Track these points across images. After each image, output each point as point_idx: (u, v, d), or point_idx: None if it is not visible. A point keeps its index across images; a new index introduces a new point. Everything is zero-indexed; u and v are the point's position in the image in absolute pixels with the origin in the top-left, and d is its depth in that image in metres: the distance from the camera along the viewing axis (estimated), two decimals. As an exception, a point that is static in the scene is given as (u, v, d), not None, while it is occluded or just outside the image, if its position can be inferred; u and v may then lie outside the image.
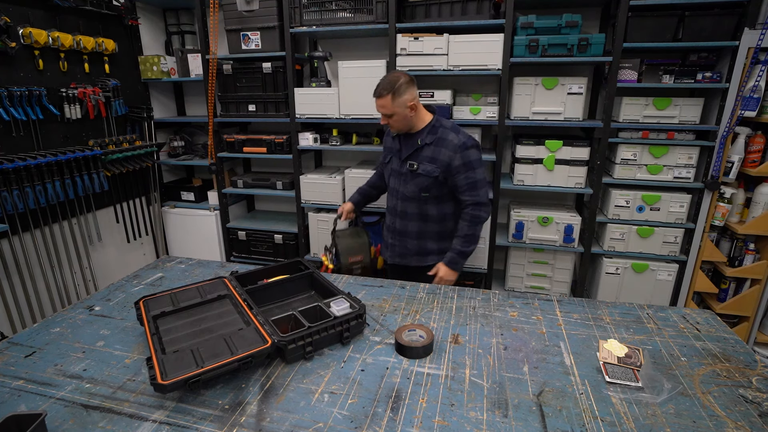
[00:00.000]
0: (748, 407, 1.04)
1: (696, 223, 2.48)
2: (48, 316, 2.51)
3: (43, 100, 2.42)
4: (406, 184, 1.92)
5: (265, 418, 1.01)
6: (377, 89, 1.81)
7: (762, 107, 2.29)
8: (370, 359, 1.23)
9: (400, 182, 1.95)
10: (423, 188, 1.88)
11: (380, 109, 1.82)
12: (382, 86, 1.79)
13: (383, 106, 1.80)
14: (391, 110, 1.80)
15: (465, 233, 1.87)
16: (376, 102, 1.81)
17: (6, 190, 2.26)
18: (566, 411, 1.03)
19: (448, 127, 1.87)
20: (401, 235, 2.01)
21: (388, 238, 2.09)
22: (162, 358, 1.10)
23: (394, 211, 2.02)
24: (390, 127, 1.89)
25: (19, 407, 1.05)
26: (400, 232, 2.01)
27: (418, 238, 1.98)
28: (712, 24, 2.21)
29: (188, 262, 1.97)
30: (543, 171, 2.59)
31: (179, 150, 3.40)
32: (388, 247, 2.10)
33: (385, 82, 1.79)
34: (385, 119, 1.85)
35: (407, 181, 1.91)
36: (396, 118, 1.82)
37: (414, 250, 2.01)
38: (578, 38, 2.30)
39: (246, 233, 3.26)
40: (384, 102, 1.79)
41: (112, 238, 3.06)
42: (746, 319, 2.56)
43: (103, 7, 2.74)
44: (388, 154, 2.03)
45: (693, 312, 1.50)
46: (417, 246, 2.00)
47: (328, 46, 3.12)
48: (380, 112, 1.83)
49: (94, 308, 1.54)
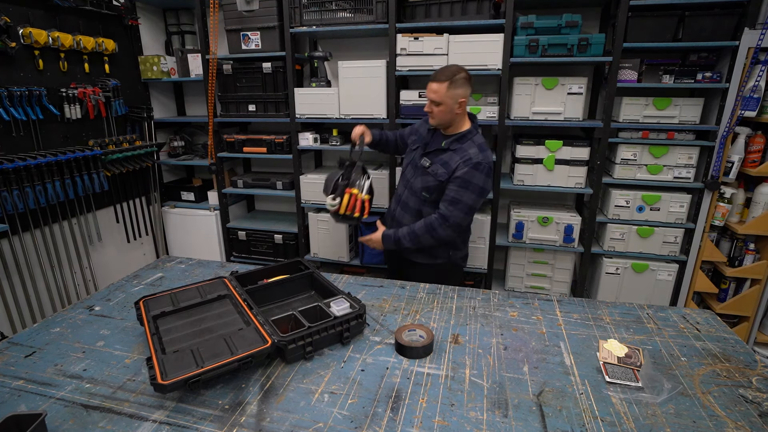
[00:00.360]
0: (748, 407, 1.04)
1: (696, 223, 2.48)
2: (48, 316, 2.51)
3: (43, 100, 2.42)
4: (416, 178, 1.91)
5: (265, 418, 1.01)
6: (435, 74, 1.75)
7: (762, 107, 2.29)
8: (370, 359, 1.23)
9: (412, 173, 1.94)
10: (426, 188, 1.87)
11: (431, 95, 1.76)
12: (441, 72, 1.74)
13: (435, 92, 1.74)
14: (442, 99, 1.74)
15: (414, 230, 1.84)
16: (430, 86, 1.75)
17: (6, 190, 2.26)
18: (566, 411, 1.03)
19: (475, 143, 1.82)
20: (397, 224, 2.00)
21: (387, 221, 2.09)
22: (162, 358, 1.10)
23: (398, 198, 2.02)
24: (431, 117, 1.83)
25: (19, 407, 1.06)
26: (397, 221, 2.00)
27: None
28: (712, 24, 2.21)
29: (188, 262, 1.97)
30: (543, 171, 2.59)
31: (179, 150, 3.40)
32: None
33: (445, 69, 1.76)
34: (431, 106, 1.78)
35: (418, 175, 1.90)
36: (442, 109, 1.76)
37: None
38: (578, 38, 2.30)
39: (246, 233, 3.26)
40: (438, 88, 1.73)
41: (112, 238, 3.06)
42: (746, 319, 2.56)
43: (103, 7, 2.74)
44: (417, 141, 1.99)
45: (693, 312, 1.50)
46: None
47: (328, 46, 3.12)
48: (430, 98, 1.77)
49: (94, 308, 1.54)
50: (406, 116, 2.67)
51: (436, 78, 1.74)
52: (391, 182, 2.80)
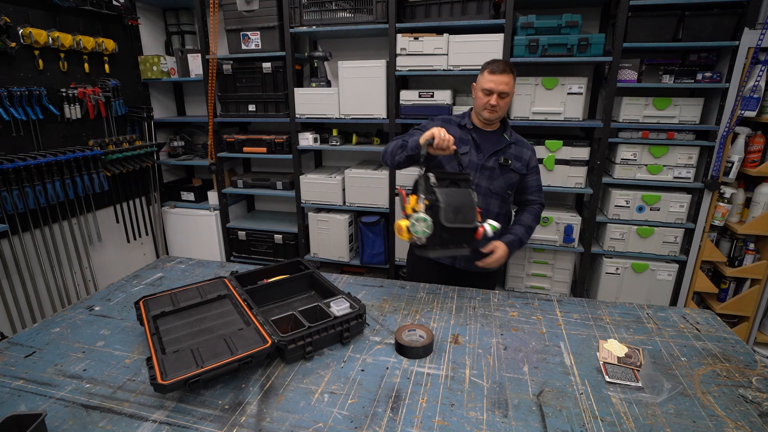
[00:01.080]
0: (748, 407, 1.04)
1: (696, 223, 2.48)
2: (48, 316, 2.51)
3: (43, 100, 2.42)
4: (493, 180, 1.78)
5: (265, 418, 1.01)
6: (500, 65, 1.66)
7: (762, 107, 2.29)
8: (370, 359, 1.23)
9: (483, 177, 1.78)
10: (510, 185, 1.80)
11: (501, 87, 1.65)
12: (506, 64, 1.68)
13: (507, 83, 1.66)
14: (512, 89, 1.70)
15: (529, 225, 1.80)
16: (498, 78, 1.65)
17: (6, 190, 2.26)
18: (566, 411, 1.03)
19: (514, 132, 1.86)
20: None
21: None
22: (162, 358, 1.10)
23: None
24: (494, 111, 1.69)
25: (19, 407, 1.05)
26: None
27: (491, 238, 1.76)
28: (712, 24, 2.21)
29: (188, 262, 1.97)
30: (543, 171, 2.58)
31: (179, 150, 3.40)
32: None
33: (504, 61, 1.70)
34: (497, 100, 1.67)
35: (496, 176, 1.77)
36: (508, 100, 1.71)
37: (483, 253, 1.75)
38: (578, 38, 2.30)
39: (246, 233, 3.26)
40: (509, 80, 1.66)
41: (112, 238, 3.06)
42: (746, 319, 2.56)
43: (103, 7, 2.74)
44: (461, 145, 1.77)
45: (693, 312, 1.50)
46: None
47: (328, 46, 3.12)
48: (500, 91, 1.66)
49: (94, 308, 1.54)
50: (406, 116, 2.66)
51: (504, 70, 1.66)
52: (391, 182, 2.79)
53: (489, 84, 1.66)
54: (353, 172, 2.88)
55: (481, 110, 1.72)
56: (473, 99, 1.79)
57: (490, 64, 1.70)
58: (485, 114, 1.72)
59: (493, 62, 1.70)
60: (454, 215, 1.41)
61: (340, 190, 2.94)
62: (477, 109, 1.76)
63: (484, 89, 1.68)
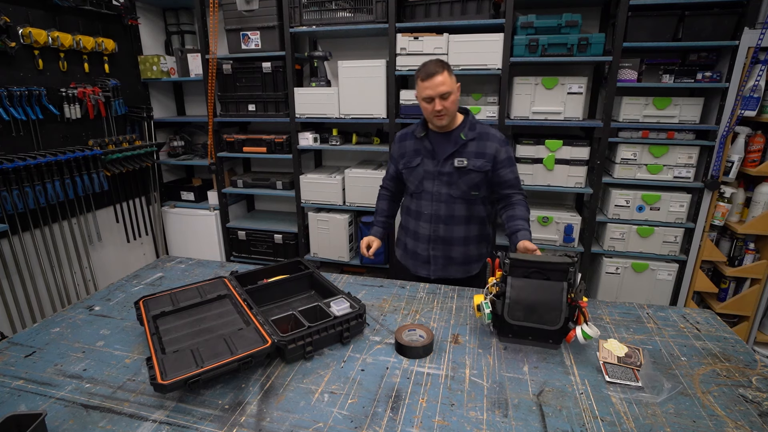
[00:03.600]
0: (748, 407, 1.04)
1: (696, 223, 2.48)
2: (48, 316, 2.51)
3: (42, 99, 2.42)
4: (452, 185, 1.74)
5: (265, 418, 1.01)
6: (430, 69, 1.60)
7: (762, 107, 2.29)
8: (370, 359, 1.23)
9: (442, 184, 1.75)
10: (473, 186, 1.74)
11: (441, 87, 1.59)
12: (435, 64, 1.61)
13: (444, 83, 1.59)
14: (452, 87, 1.62)
15: (527, 218, 1.72)
16: (433, 81, 1.59)
17: (6, 190, 2.26)
18: (566, 411, 1.03)
19: (483, 124, 1.78)
20: (445, 242, 1.79)
21: (428, 251, 1.82)
22: (162, 358, 1.10)
23: (435, 217, 1.77)
24: (442, 116, 1.65)
25: (19, 407, 1.05)
26: (445, 240, 1.79)
27: (464, 244, 1.80)
28: (712, 24, 2.21)
29: (188, 262, 1.97)
30: (543, 171, 2.59)
31: (179, 150, 3.40)
32: (429, 261, 1.83)
33: (433, 61, 1.63)
34: (441, 103, 1.61)
35: (454, 180, 1.73)
36: (453, 99, 1.63)
37: (459, 259, 1.81)
38: (578, 38, 2.30)
39: (246, 233, 3.26)
40: (444, 78, 1.59)
41: (112, 238, 3.06)
42: (746, 318, 2.56)
43: (103, 7, 2.74)
44: (414, 157, 1.79)
45: (693, 312, 1.50)
46: (462, 254, 1.81)
47: (327, 46, 3.12)
48: (439, 92, 1.60)
49: (94, 308, 1.54)
50: (406, 116, 2.66)
51: (435, 71, 1.60)
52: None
53: (426, 92, 1.62)
54: (353, 172, 2.88)
55: (432, 119, 1.68)
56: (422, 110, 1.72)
57: (420, 71, 1.64)
58: (436, 121, 1.68)
59: (422, 69, 1.64)
60: (523, 313, 1.25)
61: (340, 189, 2.94)
62: (428, 119, 1.73)
63: (425, 98, 1.64)
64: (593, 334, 1.21)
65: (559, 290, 1.25)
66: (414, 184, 1.81)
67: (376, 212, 2.01)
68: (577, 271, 1.28)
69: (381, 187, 2.01)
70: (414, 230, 1.85)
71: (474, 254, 1.83)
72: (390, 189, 1.98)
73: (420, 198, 1.80)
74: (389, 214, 2.00)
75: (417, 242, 1.84)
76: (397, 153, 1.86)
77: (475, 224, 1.80)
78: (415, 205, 1.82)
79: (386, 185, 1.99)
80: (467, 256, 1.82)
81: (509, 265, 1.32)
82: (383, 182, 2.00)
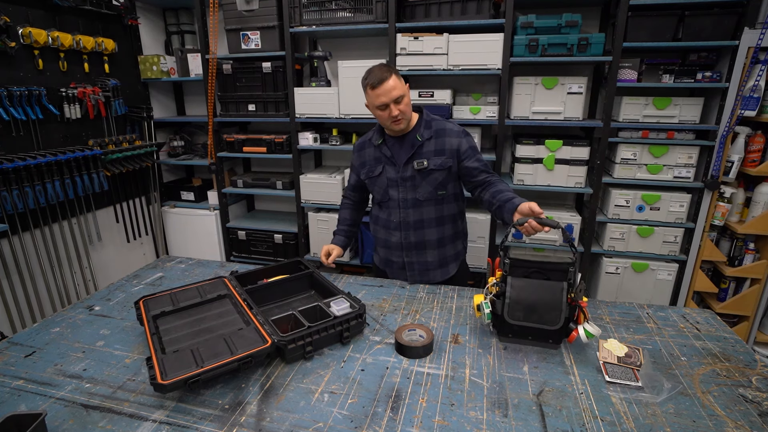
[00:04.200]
0: (747, 407, 1.04)
1: (696, 223, 2.48)
2: (48, 316, 2.51)
3: (42, 99, 2.42)
4: (416, 188, 1.70)
5: (265, 418, 1.01)
6: (378, 75, 1.55)
7: (762, 107, 2.29)
8: (370, 359, 1.23)
9: (407, 189, 1.71)
10: (439, 185, 1.70)
11: (393, 92, 1.56)
12: (381, 69, 1.57)
13: (395, 87, 1.55)
14: (403, 89, 1.58)
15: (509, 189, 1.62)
16: (385, 87, 1.54)
17: (6, 190, 2.26)
18: (566, 411, 1.03)
19: (439, 119, 1.73)
20: (419, 248, 1.76)
21: (402, 257, 1.79)
22: (162, 358, 1.10)
23: (405, 224, 1.74)
24: (399, 121, 1.62)
25: (19, 407, 1.06)
26: (418, 245, 1.76)
27: (438, 246, 1.77)
28: (712, 24, 2.21)
29: (188, 261, 1.97)
30: (543, 170, 2.59)
31: (179, 150, 3.40)
32: (405, 267, 1.80)
33: (378, 66, 1.59)
34: (396, 108, 1.58)
35: (418, 183, 1.70)
36: (406, 102, 1.61)
37: (436, 262, 1.78)
38: (578, 38, 2.30)
39: (246, 233, 3.26)
40: (395, 82, 1.56)
41: (112, 238, 3.06)
42: (746, 318, 2.56)
43: (103, 7, 2.74)
44: (375, 166, 1.76)
45: (693, 311, 1.50)
46: (438, 256, 1.78)
47: (327, 46, 3.12)
48: (392, 97, 1.56)
49: (94, 308, 1.54)
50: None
51: (383, 77, 1.55)
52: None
53: (380, 99, 1.56)
54: (353, 171, 2.88)
55: (389, 125, 1.64)
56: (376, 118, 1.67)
57: (368, 79, 1.59)
58: (394, 127, 1.64)
59: (369, 76, 1.59)
60: (523, 313, 1.25)
61: (340, 189, 2.94)
62: (384, 126, 1.68)
63: (378, 105, 1.59)
64: (595, 332, 1.22)
65: (559, 290, 1.25)
66: (379, 193, 1.78)
67: (338, 221, 1.97)
68: (577, 271, 1.29)
69: (343, 197, 2.00)
70: (385, 239, 1.82)
71: (450, 254, 1.81)
72: (352, 198, 1.97)
73: (387, 207, 1.77)
74: (352, 222, 1.96)
75: (390, 250, 1.82)
76: (358, 162, 1.84)
77: (447, 224, 1.77)
78: (384, 214, 1.80)
79: (348, 195, 1.98)
80: (443, 258, 1.80)
81: (509, 265, 1.33)
82: (345, 192, 2.00)
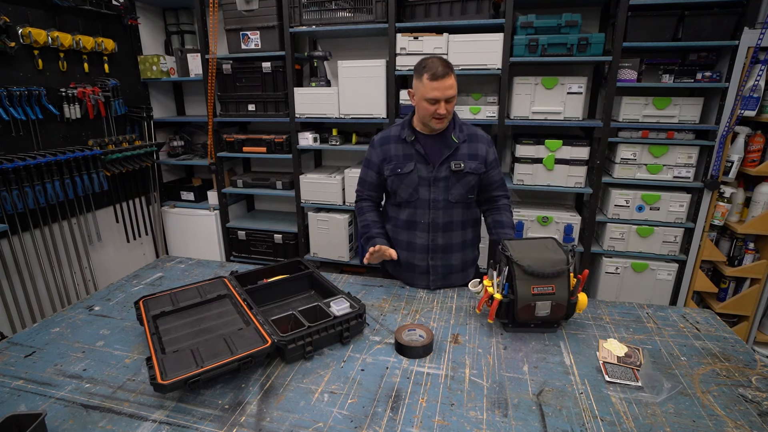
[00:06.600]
0: (747, 407, 1.04)
1: (696, 223, 2.48)
2: (48, 316, 2.51)
3: (42, 99, 2.42)
4: (449, 189, 1.64)
5: (265, 418, 1.01)
6: (440, 68, 1.47)
7: (761, 107, 2.29)
8: (370, 359, 1.23)
9: (439, 189, 1.64)
10: (470, 189, 1.66)
11: (449, 91, 1.49)
12: (443, 65, 1.48)
13: (452, 86, 1.49)
14: (456, 92, 1.52)
15: (512, 224, 1.70)
16: (444, 83, 1.47)
17: (6, 190, 2.25)
18: (566, 410, 1.03)
19: (468, 123, 1.70)
20: (445, 251, 1.70)
21: (427, 260, 1.70)
22: (162, 358, 1.10)
23: (434, 225, 1.66)
24: (443, 120, 1.55)
25: (19, 407, 1.05)
26: (444, 248, 1.70)
27: (462, 249, 1.73)
28: (712, 24, 2.21)
29: (188, 261, 1.97)
30: (543, 170, 2.59)
31: (179, 150, 3.40)
32: (429, 271, 1.71)
33: (440, 60, 1.50)
34: (445, 107, 1.51)
35: (452, 185, 1.63)
36: (454, 103, 1.55)
37: (459, 265, 1.74)
38: (578, 38, 2.30)
39: (246, 233, 3.26)
40: (453, 82, 1.49)
41: (112, 238, 3.06)
42: (746, 318, 2.56)
43: (103, 7, 2.73)
44: (405, 162, 1.65)
45: (693, 311, 1.50)
46: (461, 259, 1.74)
47: (327, 46, 3.12)
48: (448, 95, 1.49)
49: (94, 308, 1.54)
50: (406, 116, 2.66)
51: (446, 73, 1.47)
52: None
53: (434, 93, 1.48)
54: (353, 171, 2.88)
55: (429, 120, 1.56)
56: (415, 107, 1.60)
57: (427, 68, 1.49)
58: (434, 125, 1.57)
59: (430, 65, 1.49)
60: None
61: (340, 189, 2.94)
62: (423, 120, 1.59)
63: (429, 99, 1.49)
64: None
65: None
66: (407, 192, 1.66)
67: (368, 225, 1.76)
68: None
69: (361, 199, 1.80)
70: (408, 241, 1.72)
71: (470, 258, 1.80)
72: (374, 199, 1.81)
73: (413, 206, 1.67)
74: (383, 225, 1.79)
75: (413, 253, 1.71)
76: (378, 158, 1.70)
77: (471, 228, 1.75)
78: (407, 215, 1.69)
79: (368, 195, 1.79)
80: (465, 262, 1.77)
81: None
82: (362, 193, 1.80)
